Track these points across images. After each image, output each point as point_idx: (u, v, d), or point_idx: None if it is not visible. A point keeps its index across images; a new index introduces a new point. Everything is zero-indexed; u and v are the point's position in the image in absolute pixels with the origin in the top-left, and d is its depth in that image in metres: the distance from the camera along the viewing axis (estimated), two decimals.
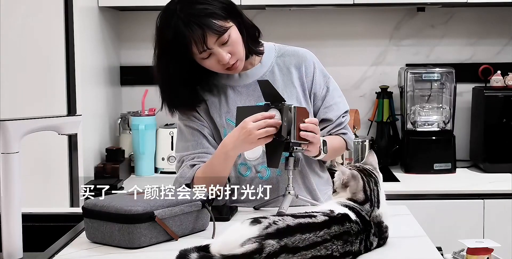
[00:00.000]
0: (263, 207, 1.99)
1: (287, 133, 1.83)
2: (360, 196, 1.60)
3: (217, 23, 1.88)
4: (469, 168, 3.29)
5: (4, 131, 1.51)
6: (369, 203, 1.60)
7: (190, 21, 1.88)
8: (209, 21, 1.88)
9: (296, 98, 2.05)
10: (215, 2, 1.91)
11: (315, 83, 2.08)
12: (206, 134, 2.04)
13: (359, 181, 1.62)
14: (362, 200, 1.60)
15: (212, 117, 2.05)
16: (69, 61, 2.74)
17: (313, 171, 2.09)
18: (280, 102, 1.86)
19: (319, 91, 2.08)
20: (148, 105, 3.26)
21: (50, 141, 2.70)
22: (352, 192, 1.61)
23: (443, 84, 3.28)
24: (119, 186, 2.89)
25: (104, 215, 1.64)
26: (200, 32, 1.87)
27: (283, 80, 2.06)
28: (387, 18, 3.45)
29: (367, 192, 1.61)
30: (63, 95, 2.74)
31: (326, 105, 2.09)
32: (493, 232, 2.80)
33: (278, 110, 1.85)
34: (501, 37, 3.46)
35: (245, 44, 1.97)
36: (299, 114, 1.85)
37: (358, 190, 1.61)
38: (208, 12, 1.88)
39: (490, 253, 1.78)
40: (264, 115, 1.84)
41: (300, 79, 2.07)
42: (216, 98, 2.05)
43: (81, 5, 2.81)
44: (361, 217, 1.55)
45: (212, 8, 1.89)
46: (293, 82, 2.06)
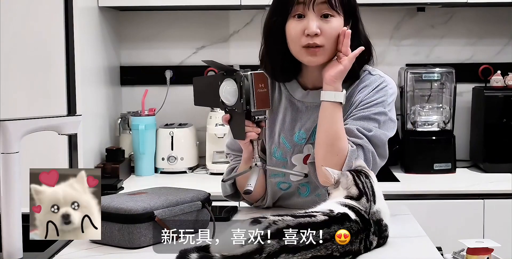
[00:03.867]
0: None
1: (246, 103, 1.72)
2: (353, 191, 1.61)
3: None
4: (469, 168, 3.29)
5: (4, 131, 1.51)
6: (365, 197, 1.60)
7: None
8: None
9: None
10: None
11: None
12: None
13: (348, 176, 1.63)
14: (356, 194, 1.60)
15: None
16: (69, 61, 2.74)
17: None
18: (234, 71, 1.73)
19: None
20: (148, 105, 3.26)
21: (50, 141, 2.70)
22: (345, 188, 1.62)
23: (443, 84, 3.28)
24: (119, 186, 2.90)
25: (104, 215, 1.63)
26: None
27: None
28: (387, 18, 3.45)
29: (359, 185, 1.61)
30: (63, 95, 2.74)
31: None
32: (493, 232, 2.80)
33: (234, 80, 1.73)
34: (501, 37, 3.46)
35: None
36: (257, 81, 1.72)
37: (350, 184, 1.62)
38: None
39: (490, 253, 1.78)
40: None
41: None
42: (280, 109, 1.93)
43: (81, 5, 2.81)
44: (360, 216, 1.55)
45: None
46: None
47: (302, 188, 1.95)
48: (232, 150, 2.02)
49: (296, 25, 1.81)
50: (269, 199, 1.99)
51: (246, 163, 1.87)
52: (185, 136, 3.27)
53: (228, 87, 1.74)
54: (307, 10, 1.80)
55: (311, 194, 1.94)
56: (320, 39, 1.80)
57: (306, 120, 1.91)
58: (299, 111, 1.92)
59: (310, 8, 1.80)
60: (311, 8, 1.80)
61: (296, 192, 1.96)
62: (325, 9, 1.81)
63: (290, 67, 1.89)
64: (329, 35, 1.80)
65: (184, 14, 3.44)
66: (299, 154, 1.92)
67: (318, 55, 1.81)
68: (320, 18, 1.80)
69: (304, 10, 1.81)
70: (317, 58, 1.82)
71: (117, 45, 3.41)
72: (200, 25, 3.45)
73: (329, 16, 1.81)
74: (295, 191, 1.96)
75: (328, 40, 1.80)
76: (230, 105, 1.75)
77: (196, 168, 3.34)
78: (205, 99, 1.86)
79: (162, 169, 3.27)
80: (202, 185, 2.32)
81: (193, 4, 3.11)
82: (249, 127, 1.75)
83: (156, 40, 3.46)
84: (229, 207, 1.96)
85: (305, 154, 1.91)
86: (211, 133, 3.25)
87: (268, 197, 1.98)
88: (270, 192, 1.97)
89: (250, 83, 1.71)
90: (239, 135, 1.78)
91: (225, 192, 2.03)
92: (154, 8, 3.33)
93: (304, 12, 1.81)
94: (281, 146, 1.93)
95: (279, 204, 2.01)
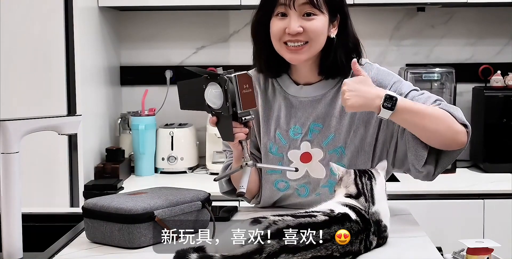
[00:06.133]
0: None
1: (232, 105, 1.71)
2: (351, 190, 1.61)
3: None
4: (469, 168, 3.29)
5: (4, 131, 1.51)
6: (363, 197, 1.60)
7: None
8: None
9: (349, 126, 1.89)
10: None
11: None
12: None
13: (351, 175, 1.64)
14: (355, 193, 1.61)
15: (259, 123, 1.96)
16: (69, 61, 2.75)
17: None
18: (217, 75, 1.72)
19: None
20: (148, 105, 3.26)
21: (50, 141, 2.70)
22: (345, 186, 1.62)
23: (443, 84, 3.28)
24: (119, 186, 2.90)
25: (104, 215, 1.64)
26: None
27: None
28: (387, 18, 3.45)
29: (358, 185, 1.62)
30: (63, 95, 2.74)
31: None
32: (493, 232, 2.80)
33: (218, 84, 1.72)
34: (501, 37, 3.46)
35: (330, 51, 1.86)
36: (241, 82, 1.70)
37: (350, 183, 1.62)
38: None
39: (490, 253, 1.78)
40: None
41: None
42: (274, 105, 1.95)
43: (81, 5, 2.81)
44: (361, 216, 1.55)
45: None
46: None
47: (301, 189, 1.95)
48: (227, 146, 2.02)
49: (278, 24, 1.84)
50: (265, 199, 1.99)
51: (237, 162, 1.87)
52: (185, 136, 3.27)
53: (214, 90, 1.73)
54: (289, 10, 1.83)
55: (311, 194, 1.94)
56: (304, 36, 1.82)
57: (301, 115, 1.92)
58: (294, 107, 1.93)
59: (291, 8, 1.82)
60: (293, 8, 1.82)
61: (295, 193, 1.96)
62: (307, 9, 1.83)
63: (277, 63, 1.91)
64: (312, 33, 1.82)
65: (184, 14, 3.44)
66: (296, 150, 1.92)
67: (301, 52, 1.84)
68: (303, 17, 1.83)
69: (286, 10, 1.83)
70: (300, 55, 1.84)
71: (117, 45, 3.41)
72: (200, 25, 3.45)
73: (312, 15, 1.83)
74: (293, 192, 1.96)
75: (312, 38, 1.83)
76: (216, 108, 1.75)
77: (196, 168, 3.34)
78: (191, 103, 1.86)
79: (162, 169, 3.27)
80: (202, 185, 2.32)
81: (193, 4, 3.11)
82: (237, 128, 1.76)
83: (156, 40, 3.46)
84: (229, 207, 1.96)
85: (302, 151, 1.92)
86: (211, 133, 3.25)
87: (264, 197, 1.98)
88: (268, 193, 1.97)
89: (235, 85, 1.70)
90: (228, 137, 1.78)
91: (222, 189, 2.04)
92: (154, 8, 3.33)
93: (286, 11, 1.83)
94: (277, 142, 1.94)
95: (279, 204, 2.01)
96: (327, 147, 1.89)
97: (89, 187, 2.81)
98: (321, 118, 1.90)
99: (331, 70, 1.89)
